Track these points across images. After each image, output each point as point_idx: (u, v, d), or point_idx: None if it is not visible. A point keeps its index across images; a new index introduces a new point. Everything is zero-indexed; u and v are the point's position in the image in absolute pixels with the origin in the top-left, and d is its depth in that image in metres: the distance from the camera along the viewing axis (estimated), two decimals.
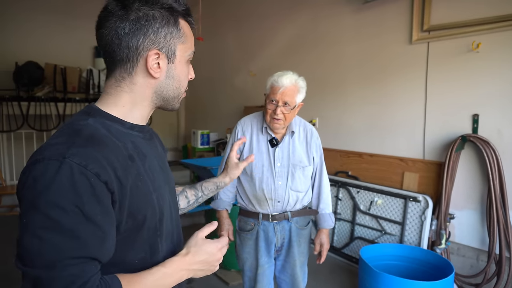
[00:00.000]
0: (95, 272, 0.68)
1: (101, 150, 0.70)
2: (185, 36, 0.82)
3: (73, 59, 5.06)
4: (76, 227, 0.65)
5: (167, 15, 0.78)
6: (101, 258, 0.69)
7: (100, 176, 0.67)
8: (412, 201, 2.81)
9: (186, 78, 0.86)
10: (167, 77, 0.81)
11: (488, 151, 2.43)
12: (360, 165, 3.32)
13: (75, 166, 0.65)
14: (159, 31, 0.77)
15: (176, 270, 0.80)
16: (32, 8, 4.90)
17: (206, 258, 0.85)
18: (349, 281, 2.93)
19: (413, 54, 2.89)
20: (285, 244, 1.85)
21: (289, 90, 1.68)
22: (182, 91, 0.87)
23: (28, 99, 4.54)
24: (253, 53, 4.57)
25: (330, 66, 3.54)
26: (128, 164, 0.75)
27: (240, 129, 1.85)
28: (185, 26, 0.82)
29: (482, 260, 2.59)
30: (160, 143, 1.03)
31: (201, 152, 4.92)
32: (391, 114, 3.09)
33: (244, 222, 1.87)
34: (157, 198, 0.81)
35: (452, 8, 2.63)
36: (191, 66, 0.89)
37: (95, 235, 0.67)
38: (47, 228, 0.63)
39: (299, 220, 1.85)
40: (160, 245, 0.83)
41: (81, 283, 0.64)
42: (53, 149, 0.67)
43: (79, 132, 0.72)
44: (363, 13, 3.25)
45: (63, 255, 0.63)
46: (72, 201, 0.64)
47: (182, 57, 0.82)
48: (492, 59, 2.46)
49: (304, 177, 1.81)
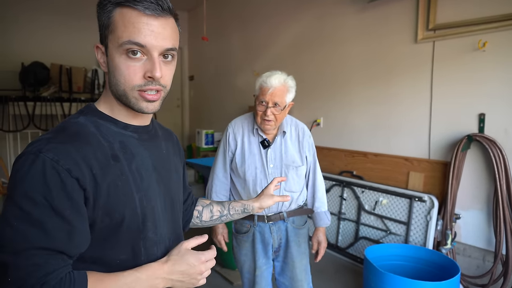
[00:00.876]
0: (61, 265, 0.69)
1: (80, 147, 0.72)
2: (113, 25, 0.75)
3: (78, 59, 5.08)
4: (44, 219, 0.67)
5: (105, 3, 0.76)
6: (68, 252, 0.70)
7: (72, 172, 0.69)
8: (418, 201, 2.79)
9: (122, 73, 0.75)
10: (109, 71, 0.79)
11: (494, 150, 2.41)
12: (365, 164, 3.31)
13: (47, 160, 0.68)
14: (99, 23, 0.79)
15: (151, 277, 0.77)
16: (37, 8, 4.94)
17: (187, 269, 0.81)
18: (353, 281, 2.92)
19: (419, 53, 2.87)
20: (282, 245, 1.83)
21: (279, 91, 1.66)
22: (124, 89, 0.77)
23: (34, 99, 4.57)
24: (257, 53, 4.56)
25: (335, 65, 3.53)
26: (110, 164, 0.76)
27: (231, 132, 1.83)
28: (122, 13, 0.74)
29: (488, 261, 2.57)
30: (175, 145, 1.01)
31: (205, 152, 4.93)
32: (396, 114, 3.08)
33: (240, 224, 1.85)
34: (140, 199, 0.80)
35: (458, 6, 2.61)
36: (155, 62, 0.75)
37: (62, 228, 0.68)
38: (18, 218, 0.66)
39: (296, 220, 1.83)
40: (143, 249, 0.81)
41: (43, 274, 0.66)
42: (35, 144, 0.70)
43: (65, 129, 0.76)
44: (368, 12, 3.23)
45: (29, 244, 0.66)
46: (42, 194, 0.67)
47: (112, 48, 0.76)
48: (499, 58, 2.44)
49: (298, 177, 1.79)
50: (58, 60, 4.85)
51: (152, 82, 0.76)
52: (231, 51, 5.06)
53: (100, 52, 0.80)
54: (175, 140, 1.06)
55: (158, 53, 0.76)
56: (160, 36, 0.75)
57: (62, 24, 5.12)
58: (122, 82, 0.76)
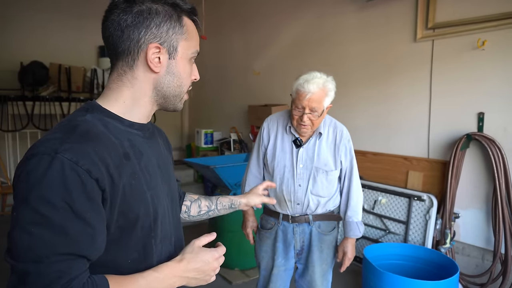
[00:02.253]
0: (83, 270, 0.67)
1: (95, 147, 0.70)
2: (188, 33, 0.81)
3: (77, 59, 5.08)
4: (65, 224, 0.64)
5: (170, 11, 0.79)
6: (90, 256, 0.69)
7: (91, 172, 0.67)
8: (417, 200, 2.79)
9: (188, 76, 0.84)
10: (167, 72, 0.80)
11: (493, 149, 2.41)
12: (364, 164, 3.30)
13: (66, 161, 0.65)
14: (161, 25, 0.77)
15: (168, 276, 0.78)
16: (37, 8, 4.93)
17: (201, 267, 0.82)
18: (353, 280, 2.92)
19: (418, 52, 2.87)
20: (305, 248, 1.79)
21: (316, 96, 1.57)
22: (184, 90, 0.85)
23: (33, 98, 4.57)
24: (257, 52, 4.56)
25: (335, 64, 3.52)
26: (123, 162, 0.75)
27: (266, 127, 1.82)
28: (190, 24, 0.82)
29: (487, 260, 2.56)
30: (165, 142, 1.01)
31: (205, 151, 4.93)
32: (395, 113, 3.07)
33: (266, 220, 1.85)
34: (151, 197, 0.80)
35: (457, 5, 2.61)
36: (196, 67, 0.87)
37: (84, 232, 0.66)
38: (36, 223, 0.63)
39: (322, 225, 1.76)
40: (155, 247, 0.82)
41: (67, 280, 0.64)
42: (47, 144, 0.67)
43: (75, 128, 0.72)
44: (367, 11, 3.23)
45: (51, 251, 0.63)
46: (62, 197, 0.64)
47: (184, 54, 0.81)
48: (498, 57, 2.43)
49: (328, 182, 1.71)
50: (57, 59, 4.84)
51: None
52: (230, 50, 5.05)
53: (158, 53, 0.78)
54: (164, 135, 1.06)
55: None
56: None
57: (61, 24, 5.11)
58: (184, 84, 0.84)
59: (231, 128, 4.87)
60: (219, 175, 2.99)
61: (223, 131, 5.09)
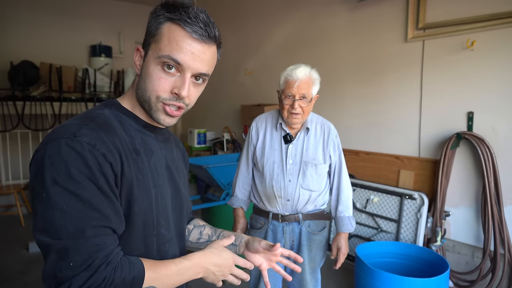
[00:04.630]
0: (115, 244, 0.71)
1: (110, 136, 0.75)
2: (159, 36, 0.77)
3: (68, 59, 5.03)
4: (94, 199, 0.68)
5: (159, 15, 0.79)
6: (117, 229, 0.73)
7: (107, 157, 0.71)
8: (408, 198, 2.82)
9: (153, 81, 0.78)
10: (141, 75, 0.81)
11: (482, 148, 2.45)
12: (356, 163, 3.33)
13: (85, 144, 0.69)
14: (147, 31, 0.81)
15: (197, 265, 0.82)
16: (28, 7, 4.88)
17: (222, 264, 0.87)
18: (345, 278, 2.94)
19: (409, 52, 2.90)
20: (294, 247, 1.81)
21: (305, 83, 1.65)
22: (150, 96, 0.79)
23: (24, 98, 4.51)
24: (250, 52, 4.57)
25: (327, 65, 3.54)
26: (132, 156, 0.79)
27: (255, 126, 1.85)
28: (171, 28, 0.77)
29: (477, 257, 2.60)
30: (182, 154, 1.03)
31: (198, 151, 4.92)
32: (387, 112, 3.10)
33: (255, 220, 1.86)
34: (156, 195, 0.82)
35: (447, 6, 2.64)
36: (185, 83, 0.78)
37: (110, 207, 0.71)
38: (68, 201, 0.66)
39: (311, 224, 1.79)
40: (157, 246, 0.83)
41: (105, 254, 0.68)
42: (65, 129, 0.71)
43: (92, 118, 0.77)
44: (358, 11, 3.25)
45: (85, 225, 0.67)
46: (87, 175, 0.68)
47: (151, 56, 0.78)
48: (487, 57, 2.47)
49: (317, 175, 1.74)
50: (48, 59, 4.79)
51: (176, 99, 0.79)
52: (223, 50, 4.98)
53: (139, 55, 0.82)
54: (182, 148, 1.07)
55: (191, 74, 0.79)
56: (198, 60, 0.78)
57: (52, 23, 5.06)
58: (149, 89, 0.79)
59: (224, 128, 4.87)
60: (212, 175, 2.99)
61: (216, 131, 5.09)
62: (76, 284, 0.64)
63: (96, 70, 5.09)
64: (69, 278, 0.64)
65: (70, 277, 0.64)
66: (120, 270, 0.69)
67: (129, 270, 0.70)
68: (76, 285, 0.64)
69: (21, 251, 3.46)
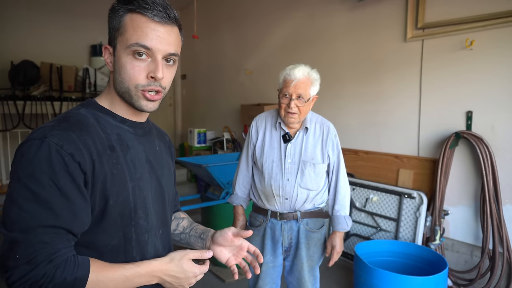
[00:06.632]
0: (66, 245, 0.74)
1: (81, 135, 0.78)
2: (123, 28, 0.81)
3: (69, 58, 5.04)
4: (51, 199, 0.72)
5: (117, 9, 0.82)
6: (74, 230, 0.75)
7: (74, 156, 0.74)
8: (407, 197, 2.83)
9: (127, 71, 0.81)
10: (115, 70, 0.85)
11: (481, 147, 2.45)
12: (356, 162, 3.34)
13: (52, 145, 0.73)
14: (109, 26, 0.84)
15: (149, 274, 0.83)
16: (28, 7, 4.89)
17: (180, 276, 0.87)
18: (344, 277, 2.95)
19: (408, 51, 2.90)
20: (293, 245, 1.81)
21: (302, 83, 1.65)
22: (128, 86, 0.82)
23: (24, 98, 4.53)
24: (249, 52, 4.57)
25: (326, 64, 3.55)
26: (106, 153, 0.82)
27: (255, 125, 1.86)
28: (132, 18, 0.80)
29: (476, 256, 2.61)
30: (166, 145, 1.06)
31: (198, 151, 4.93)
32: (386, 112, 3.11)
33: (254, 218, 1.88)
34: (133, 188, 0.85)
35: (446, 5, 2.65)
36: (158, 65, 0.81)
37: (68, 208, 0.73)
38: (25, 198, 0.71)
39: (310, 222, 1.79)
40: (135, 235, 0.86)
41: (51, 252, 0.71)
42: (39, 131, 0.75)
43: (67, 118, 0.81)
44: (358, 11, 3.26)
45: (37, 223, 0.70)
46: (48, 175, 0.72)
47: (120, 49, 0.82)
48: (486, 56, 2.48)
49: (316, 174, 1.74)
50: (48, 59, 4.80)
51: (154, 83, 0.83)
52: (223, 50, 5.05)
53: (108, 53, 0.86)
54: (168, 140, 1.10)
55: (162, 56, 0.82)
56: (165, 41, 0.81)
57: (53, 22, 5.07)
58: (127, 80, 0.82)
59: (224, 127, 4.88)
60: (211, 174, 3.00)
61: (216, 131, 5.10)
62: (17, 275, 0.69)
63: (96, 69, 5.10)
64: (11, 269, 0.69)
65: (12, 268, 0.69)
66: (62, 270, 0.71)
67: (72, 270, 0.72)
68: (17, 276, 0.69)
69: None
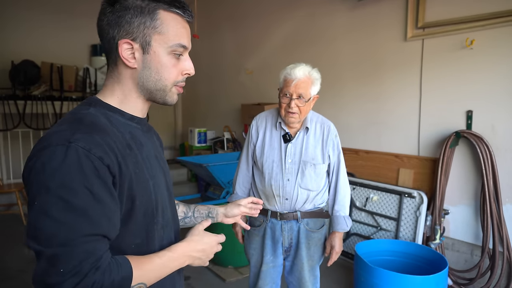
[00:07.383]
0: (105, 249, 0.73)
1: (103, 137, 0.75)
2: (163, 26, 0.81)
3: (69, 58, 5.05)
4: (87, 207, 0.69)
5: (145, 5, 0.80)
6: (110, 235, 0.74)
7: (103, 159, 0.72)
8: (407, 197, 2.83)
9: (168, 70, 0.83)
10: (144, 67, 0.83)
11: (481, 146, 2.46)
12: (356, 162, 3.34)
13: (80, 150, 0.69)
14: (132, 22, 0.79)
15: (181, 255, 0.86)
16: (29, 7, 4.89)
17: (205, 248, 0.91)
18: (345, 276, 2.96)
19: (408, 51, 2.91)
20: (293, 245, 1.81)
21: (303, 82, 1.63)
22: (166, 84, 0.84)
23: (25, 97, 4.53)
24: (250, 51, 4.58)
25: (326, 63, 3.55)
26: (127, 152, 0.80)
27: (255, 124, 1.85)
28: (167, 17, 0.81)
29: (476, 255, 2.61)
30: (157, 137, 1.06)
31: (198, 150, 4.93)
32: (386, 111, 3.11)
33: (254, 218, 1.85)
34: (153, 186, 0.86)
35: (446, 5, 2.65)
36: (188, 61, 0.86)
37: (103, 213, 0.71)
38: (59, 209, 0.67)
39: (310, 222, 1.78)
40: (157, 233, 0.87)
41: (95, 259, 0.69)
42: (58, 136, 0.71)
43: (81, 120, 0.77)
44: (358, 10, 3.26)
45: (76, 233, 0.67)
46: (81, 182, 0.68)
47: (159, 48, 0.81)
48: (486, 56, 2.48)
49: (316, 175, 1.73)
50: (49, 58, 4.81)
51: (184, 78, 0.88)
52: (223, 50, 5.06)
53: (130, 48, 0.81)
54: (157, 134, 1.11)
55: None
56: (190, 39, 0.87)
57: (53, 22, 5.07)
58: (165, 78, 0.84)
59: (225, 127, 4.88)
60: (212, 173, 3.01)
61: (217, 130, 5.10)
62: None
63: (97, 69, 5.11)
64: (58, 284, 0.66)
65: (59, 283, 0.66)
66: (109, 273, 0.70)
67: (117, 272, 0.71)
68: None
69: (22, 250, 3.47)
